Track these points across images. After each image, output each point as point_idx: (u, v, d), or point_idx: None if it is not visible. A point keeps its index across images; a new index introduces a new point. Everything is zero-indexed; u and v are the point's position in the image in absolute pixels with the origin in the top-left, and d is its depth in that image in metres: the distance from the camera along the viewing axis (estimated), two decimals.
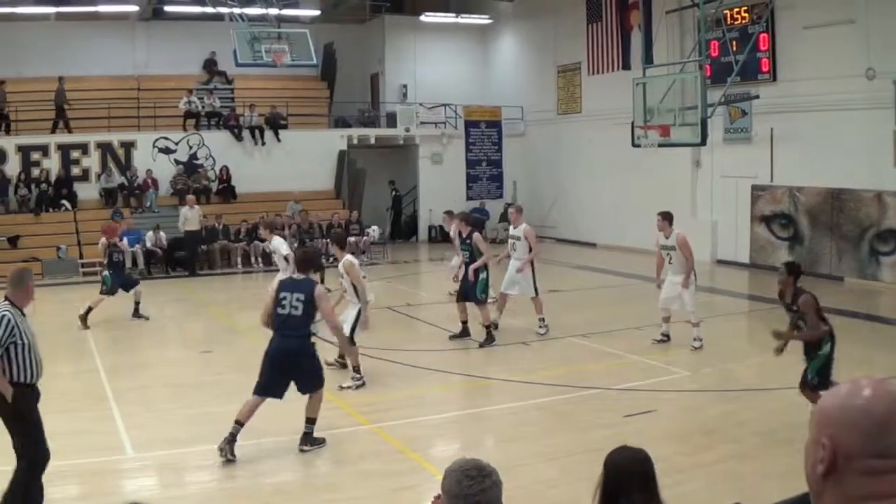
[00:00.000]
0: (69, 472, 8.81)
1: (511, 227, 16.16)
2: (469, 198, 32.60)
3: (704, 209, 25.34)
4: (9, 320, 7.29)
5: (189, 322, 19.01)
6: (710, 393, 11.56)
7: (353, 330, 12.18)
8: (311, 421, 9.55)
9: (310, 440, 9.51)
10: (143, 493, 8.37)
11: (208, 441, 9.67)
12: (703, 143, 19.82)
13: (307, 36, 24.58)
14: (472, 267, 14.82)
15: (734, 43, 21.78)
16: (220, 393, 11.75)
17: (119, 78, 30.06)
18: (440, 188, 31.71)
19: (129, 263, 24.06)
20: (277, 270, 16.40)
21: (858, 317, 16.84)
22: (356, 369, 12.33)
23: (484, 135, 33.31)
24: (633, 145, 21.23)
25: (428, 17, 33.73)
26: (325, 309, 9.70)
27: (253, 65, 24.80)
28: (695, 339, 14.20)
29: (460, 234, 15.55)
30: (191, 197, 25.77)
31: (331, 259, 20.33)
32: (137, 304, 17.72)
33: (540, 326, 15.69)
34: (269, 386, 9.36)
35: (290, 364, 9.41)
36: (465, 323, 15.33)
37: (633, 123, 20.85)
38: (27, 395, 7.45)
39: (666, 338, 14.62)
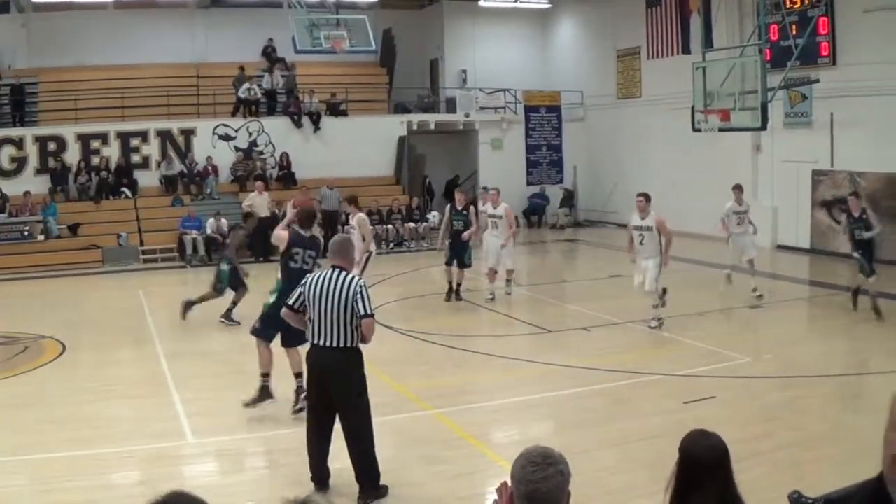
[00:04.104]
0: (130, 458, 8.99)
1: (491, 207, 17.95)
2: (529, 183, 32.56)
3: (765, 194, 25.09)
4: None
5: (253, 308, 19.03)
6: (771, 379, 11.54)
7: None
8: None
9: None
10: (201, 479, 8.52)
11: (267, 428, 9.88)
12: (764, 127, 19.77)
13: (366, 22, 24.63)
14: (465, 234, 17.40)
15: (794, 26, 21.64)
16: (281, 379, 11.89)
17: (178, 66, 30.41)
18: (500, 173, 31.58)
19: (189, 250, 24.54)
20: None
21: None
22: None
23: (544, 120, 33.13)
24: (694, 130, 21.17)
25: (487, 2, 33.70)
26: None
27: (312, 51, 24.81)
28: (652, 320, 14.79)
29: (454, 206, 17.94)
30: (259, 183, 26.01)
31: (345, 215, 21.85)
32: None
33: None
34: None
35: None
36: (451, 283, 17.91)
37: (693, 108, 20.79)
38: None
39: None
